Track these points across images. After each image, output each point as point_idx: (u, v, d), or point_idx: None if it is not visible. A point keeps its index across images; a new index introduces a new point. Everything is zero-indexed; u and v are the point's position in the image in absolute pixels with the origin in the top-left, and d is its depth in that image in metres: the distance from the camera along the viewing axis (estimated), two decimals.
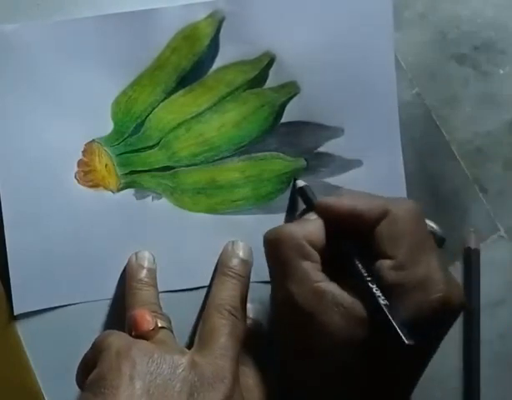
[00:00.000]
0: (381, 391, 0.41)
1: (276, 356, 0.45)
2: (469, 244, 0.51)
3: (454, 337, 0.50)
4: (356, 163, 0.50)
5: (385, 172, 0.50)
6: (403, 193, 0.50)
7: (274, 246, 0.43)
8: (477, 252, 0.50)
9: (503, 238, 0.51)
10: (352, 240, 0.43)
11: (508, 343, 0.50)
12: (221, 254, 0.49)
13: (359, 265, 0.42)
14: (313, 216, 0.44)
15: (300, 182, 0.49)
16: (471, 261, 0.50)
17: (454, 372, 0.50)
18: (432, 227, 0.44)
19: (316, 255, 0.42)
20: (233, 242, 0.49)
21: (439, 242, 0.43)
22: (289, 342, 0.43)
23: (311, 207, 0.46)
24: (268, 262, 0.44)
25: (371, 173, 0.50)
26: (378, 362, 0.40)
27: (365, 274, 0.41)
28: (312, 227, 0.43)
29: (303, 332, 0.41)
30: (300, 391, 0.43)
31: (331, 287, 0.41)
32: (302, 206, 0.49)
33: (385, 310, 0.39)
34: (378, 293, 0.40)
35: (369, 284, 0.40)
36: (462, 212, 0.51)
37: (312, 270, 0.42)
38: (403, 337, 0.38)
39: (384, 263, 0.41)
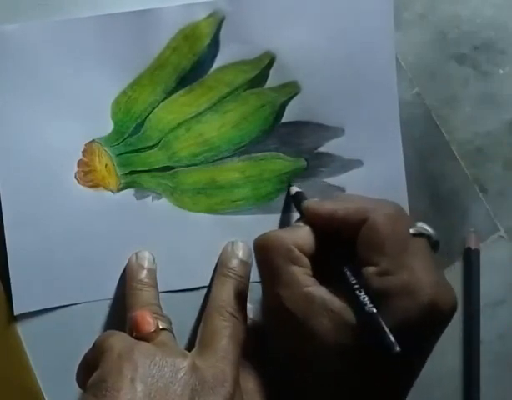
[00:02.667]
0: (371, 397, 0.41)
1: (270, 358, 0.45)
2: (469, 244, 0.51)
3: (454, 337, 0.50)
4: (356, 163, 0.50)
5: (386, 172, 0.50)
6: (403, 193, 0.50)
7: (263, 251, 0.43)
8: (477, 252, 0.50)
9: (503, 238, 0.51)
10: (341, 246, 0.43)
11: (508, 343, 0.51)
12: (221, 254, 0.49)
13: (347, 272, 0.41)
14: (302, 223, 0.44)
15: (294, 189, 0.49)
16: (471, 261, 0.50)
17: (454, 372, 0.50)
18: (426, 230, 0.42)
19: (305, 259, 0.42)
20: (232, 243, 0.49)
21: (434, 245, 0.42)
22: (280, 346, 0.43)
23: (301, 213, 0.46)
24: (258, 267, 0.44)
25: (371, 173, 0.50)
26: (368, 368, 0.40)
27: (353, 281, 0.40)
28: (301, 232, 0.43)
29: (293, 337, 0.41)
30: (289, 393, 0.43)
31: (320, 292, 0.41)
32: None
33: (372, 318, 0.38)
34: (366, 301, 0.39)
35: (357, 292, 0.40)
36: (462, 212, 0.51)
37: (301, 274, 0.42)
38: (391, 345, 0.37)
39: (369, 270, 0.40)
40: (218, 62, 0.49)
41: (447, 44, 0.51)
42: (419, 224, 0.42)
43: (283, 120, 0.50)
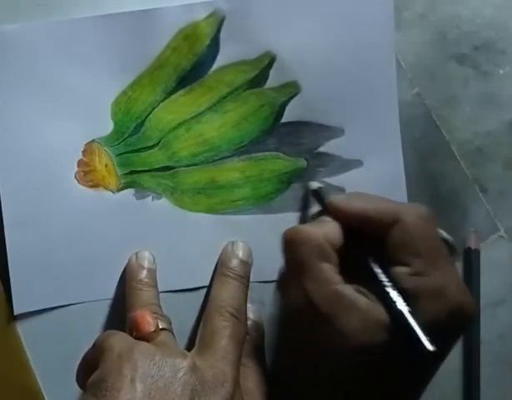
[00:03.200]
0: (390, 396, 0.41)
1: (280, 356, 0.45)
2: (469, 244, 0.51)
3: None
4: (356, 163, 0.50)
5: (385, 172, 0.50)
6: (403, 193, 0.50)
7: (293, 245, 0.43)
8: (477, 252, 0.50)
9: (503, 238, 0.51)
10: (365, 243, 0.42)
11: (508, 343, 0.51)
12: (221, 254, 0.49)
13: (379, 270, 0.41)
14: (330, 218, 0.44)
15: (315, 184, 0.49)
16: (471, 261, 0.50)
17: (454, 371, 0.50)
18: (448, 237, 0.43)
19: (335, 256, 0.42)
20: (232, 243, 0.49)
21: (452, 251, 0.43)
22: (300, 343, 0.43)
23: (326, 208, 0.45)
24: (285, 261, 0.44)
25: (371, 173, 0.50)
26: (391, 367, 0.40)
27: (385, 279, 0.41)
28: (330, 228, 0.43)
29: (318, 334, 0.41)
30: (290, 393, 0.43)
31: (349, 291, 0.41)
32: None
33: (408, 316, 0.39)
34: (399, 299, 0.40)
35: (390, 289, 0.40)
36: (462, 212, 0.51)
37: (331, 272, 0.42)
38: (425, 344, 0.38)
39: (400, 270, 0.41)
40: (218, 62, 0.49)
41: (447, 44, 0.51)
42: (439, 231, 0.43)
43: (283, 120, 0.50)
